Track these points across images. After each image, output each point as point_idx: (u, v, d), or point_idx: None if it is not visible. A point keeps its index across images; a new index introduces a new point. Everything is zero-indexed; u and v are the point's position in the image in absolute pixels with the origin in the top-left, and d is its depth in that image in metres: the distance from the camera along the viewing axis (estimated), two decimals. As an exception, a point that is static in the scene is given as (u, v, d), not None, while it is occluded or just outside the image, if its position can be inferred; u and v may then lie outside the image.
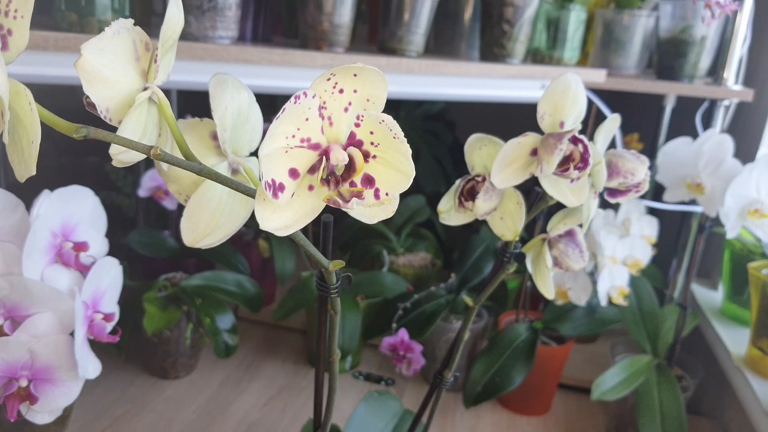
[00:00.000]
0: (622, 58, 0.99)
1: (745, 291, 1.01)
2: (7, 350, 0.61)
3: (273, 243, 1.16)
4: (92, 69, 0.31)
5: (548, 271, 0.57)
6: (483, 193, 0.51)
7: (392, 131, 0.33)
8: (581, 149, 0.48)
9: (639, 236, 0.99)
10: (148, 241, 1.10)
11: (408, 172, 0.33)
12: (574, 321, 1.00)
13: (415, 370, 0.95)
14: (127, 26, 0.33)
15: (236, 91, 0.41)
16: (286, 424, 0.94)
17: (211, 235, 0.39)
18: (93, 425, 0.89)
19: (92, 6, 0.64)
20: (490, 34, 0.88)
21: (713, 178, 0.88)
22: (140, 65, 0.35)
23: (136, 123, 0.34)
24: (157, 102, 0.35)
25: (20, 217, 0.65)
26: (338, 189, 0.33)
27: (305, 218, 0.34)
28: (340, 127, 0.33)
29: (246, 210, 0.41)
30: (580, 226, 0.57)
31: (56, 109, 0.32)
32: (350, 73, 0.32)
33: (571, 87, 0.49)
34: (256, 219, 0.33)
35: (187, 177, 0.40)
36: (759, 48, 1.02)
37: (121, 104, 0.34)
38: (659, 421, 0.86)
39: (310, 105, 0.32)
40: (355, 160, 0.33)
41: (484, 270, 1.07)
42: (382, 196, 0.34)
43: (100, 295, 0.71)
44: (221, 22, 0.72)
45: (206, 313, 0.95)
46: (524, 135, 0.51)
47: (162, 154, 0.33)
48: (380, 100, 0.33)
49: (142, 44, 0.35)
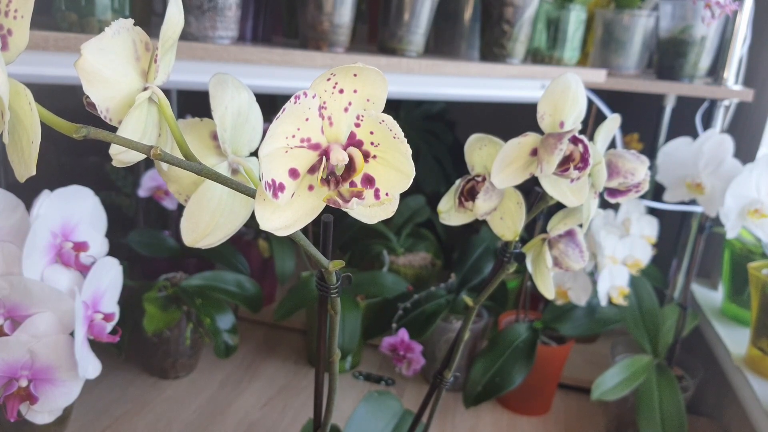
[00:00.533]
0: (622, 58, 0.99)
1: (745, 291, 1.01)
2: (7, 350, 0.61)
3: (273, 243, 1.16)
4: (92, 69, 0.31)
5: (548, 271, 0.57)
6: (483, 193, 0.51)
7: (392, 131, 0.33)
8: (581, 149, 0.48)
9: (639, 236, 0.99)
10: (148, 241, 1.10)
11: (408, 172, 0.33)
12: (574, 321, 1.00)
13: (415, 370, 0.95)
14: (127, 26, 0.33)
15: (236, 91, 0.41)
16: (286, 424, 0.94)
17: (211, 235, 0.39)
18: (93, 425, 0.89)
19: (92, 6, 0.64)
20: (490, 34, 0.88)
21: (713, 178, 0.87)
22: (140, 65, 0.35)
23: (136, 123, 0.34)
24: (157, 102, 0.35)
25: (20, 217, 0.65)
26: (338, 189, 0.33)
27: (305, 218, 0.34)
28: (340, 127, 0.33)
29: (246, 210, 0.40)
30: (580, 226, 0.57)
31: (56, 109, 0.32)
32: (350, 73, 0.32)
33: (571, 87, 0.49)
34: (256, 219, 0.33)
35: (187, 177, 0.40)
36: (759, 48, 1.02)
37: (121, 104, 0.33)
38: (659, 421, 0.86)
39: (310, 105, 0.32)
40: (355, 160, 0.33)
41: (484, 270, 1.07)
42: (382, 196, 0.34)
43: (100, 295, 0.71)
44: (221, 22, 0.72)
45: (206, 313, 0.95)
46: (524, 135, 0.51)
47: (162, 154, 0.33)
48: (380, 100, 0.33)
49: (142, 44, 0.35)
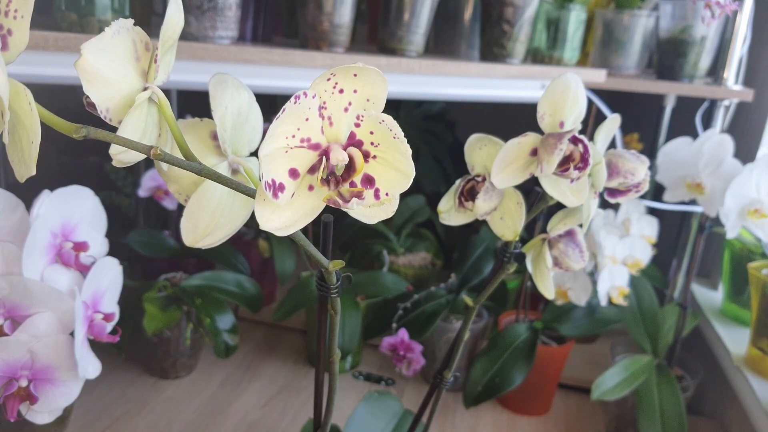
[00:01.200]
0: (622, 58, 0.99)
1: (745, 291, 1.01)
2: (7, 350, 0.61)
3: (273, 243, 1.16)
4: (92, 69, 0.31)
5: (548, 271, 0.57)
6: (483, 193, 0.51)
7: (392, 131, 0.33)
8: (581, 149, 0.48)
9: (639, 236, 0.99)
10: (148, 241, 1.10)
11: (408, 172, 0.33)
12: (574, 321, 1.00)
13: (415, 370, 0.95)
14: (127, 26, 0.33)
15: (236, 91, 0.41)
16: (286, 424, 0.94)
17: (211, 235, 0.39)
18: (93, 425, 0.89)
19: (92, 6, 0.64)
20: (490, 34, 0.88)
21: (713, 178, 0.87)
22: (140, 65, 0.35)
23: (136, 123, 0.34)
24: (157, 102, 0.35)
25: (20, 217, 0.65)
26: (338, 189, 0.33)
27: (305, 218, 0.34)
28: (340, 127, 0.33)
29: (246, 210, 0.41)
30: (580, 226, 0.57)
31: (56, 109, 0.32)
32: (350, 73, 0.32)
33: (571, 87, 0.49)
34: (256, 219, 0.33)
35: (187, 177, 0.40)
36: (759, 48, 1.02)
37: (121, 104, 0.33)
38: (659, 421, 0.86)
39: (310, 105, 0.32)
40: (355, 160, 0.33)
41: (484, 270, 1.07)
42: (382, 196, 0.34)
43: (100, 295, 0.70)
44: (221, 22, 0.72)
45: (206, 313, 0.95)
46: (524, 135, 0.51)
47: (162, 154, 0.33)
48: (380, 100, 0.33)
49: (142, 44, 0.34)
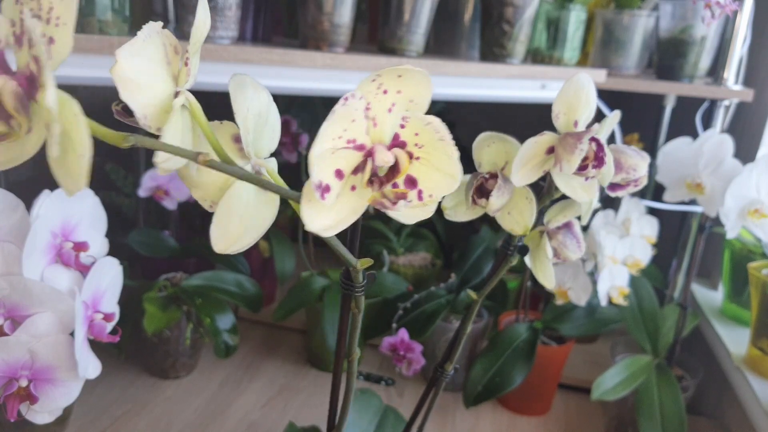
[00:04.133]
0: (622, 58, 0.99)
1: (745, 291, 1.01)
2: (7, 350, 0.61)
3: (273, 243, 1.16)
4: (128, 75, 0.31)
5: (548, 261, 0.57)
6: (497, 190, 0.52)
7: (438, 133, 0.33)
8: (595, 148, 0.49)
9: (639, 236, 0.99)
10: (148, 241, 1.10)
11: (455, 174, 0.33)
12: (574, 321, 1.00)
13: (415, 370, 0.95)
14: (157, 29, 0.33)
15: (255, 92, 0.40)
16: (286, 424, 0.94)
17: (240, 240, 0.38)
18: (93, 425, 0.89)
19: (92, 6, 0.64)
20: (490, 34, 0.88)
21: (713, 178, 0.87)
22: (171, 69, 0.34)
23: (176, 129, 0.33)
24: (189, 106, 0.34)
25: (20, 217, 0.65)
26: (382, 190, 0.33)
27: (348, 219, 0.34)
28: (384, 128, 0.33)
29: (270, 212, 0.40)
30: (578, 218, 0.57)
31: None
32: (395, 75, 0.32)
33: (585, 87, 0.50)
34: (302, 219, 0.33)
35: (213, 183, 0.39)
36: (759, 48, 1.02)
37: (158, 110, 0.33)
38: (659, 421, 0.86)
39: (356, 106, 0.32)
40: (399, 161, 0.33)
41: (484, 270, 1.07)
42: (426, 198, 0.34)
43: (100, 295, 0.70)
44: (221, 22, 0.72)
45: (206, 313, 0.95)
46: (541, 134, 0.51)
47: (210, 161, 0.32)
48: (424, 101, 0.33)
49: (171, 47, 0.34)
